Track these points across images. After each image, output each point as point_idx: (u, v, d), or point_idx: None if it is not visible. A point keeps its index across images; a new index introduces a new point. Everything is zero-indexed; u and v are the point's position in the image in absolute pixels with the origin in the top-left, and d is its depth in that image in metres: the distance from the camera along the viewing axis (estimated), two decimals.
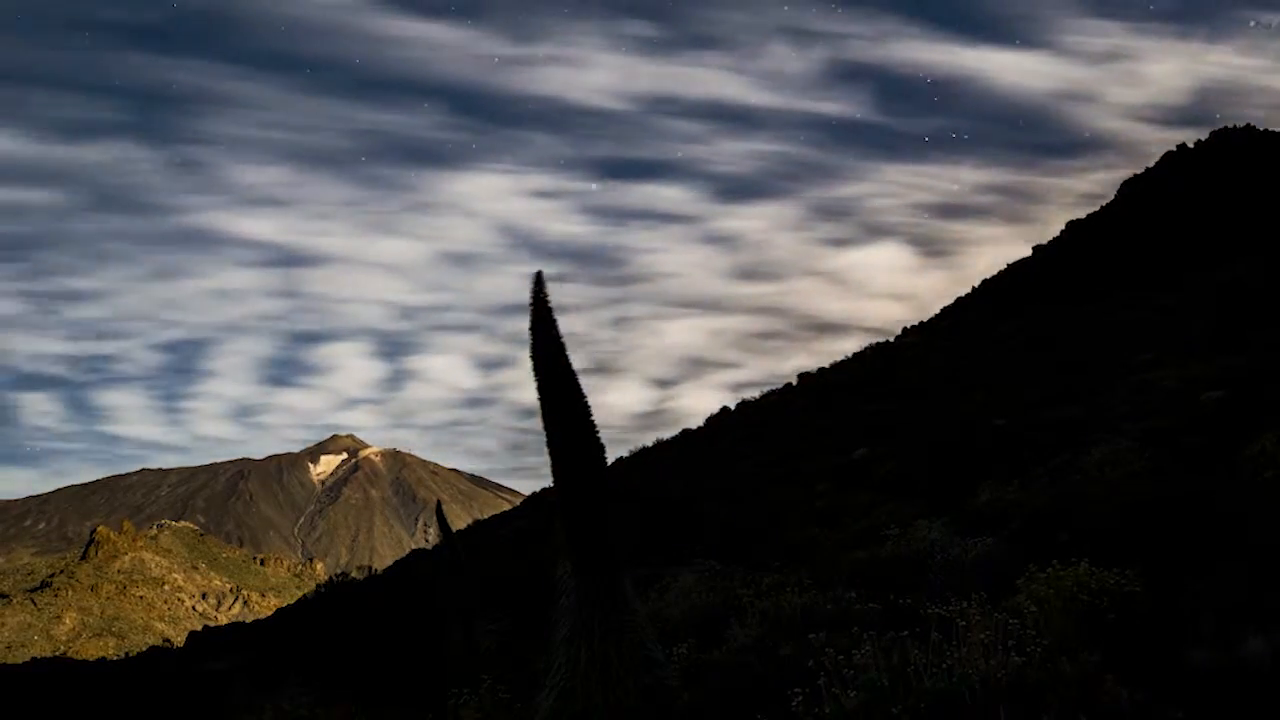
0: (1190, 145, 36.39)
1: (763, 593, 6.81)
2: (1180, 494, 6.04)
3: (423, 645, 10.11)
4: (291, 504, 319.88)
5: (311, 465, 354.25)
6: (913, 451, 13.76)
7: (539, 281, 4.18)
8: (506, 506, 36.03)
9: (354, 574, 23.76)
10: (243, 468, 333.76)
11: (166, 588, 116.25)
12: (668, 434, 28.03)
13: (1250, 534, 5.31)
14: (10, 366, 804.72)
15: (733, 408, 28.14)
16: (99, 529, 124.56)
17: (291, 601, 30.43)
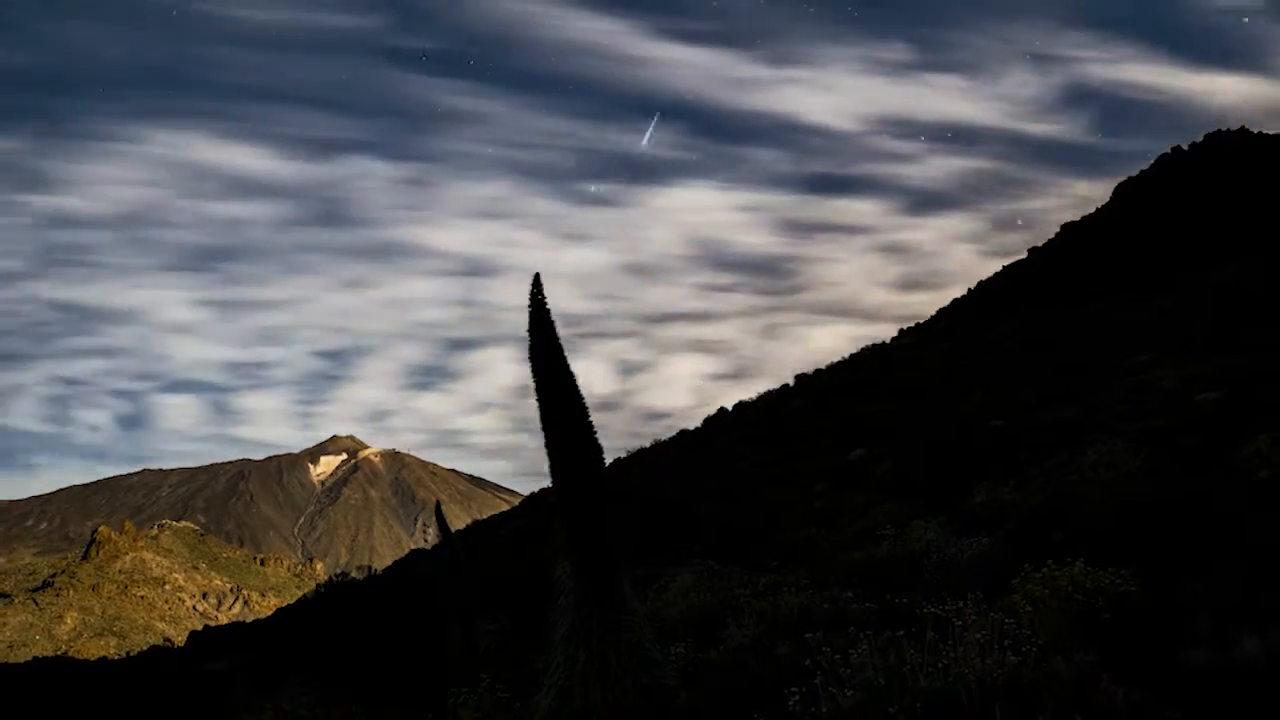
0: (1185, 148, 36.44)
1: (760, 593, 6.83)
2: (1176, 494, 6.06)
3: (422, 645, 10.13)
4: (291, 504, 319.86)
5: (311, 466, 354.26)
6: (909, 452, 13.78)
7: (536, 284, 4.21)
8: (505, 507, 36.07)
9: (354, 574, 23.79)
10: (243, 468, 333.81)
11: (167, 588, 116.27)
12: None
13: (1246, 534, 5.33)
14: (164, 372, 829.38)
15: (730, 408, 28.14)
16: (100, 529, 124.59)
17: (291, 601, 30.45)
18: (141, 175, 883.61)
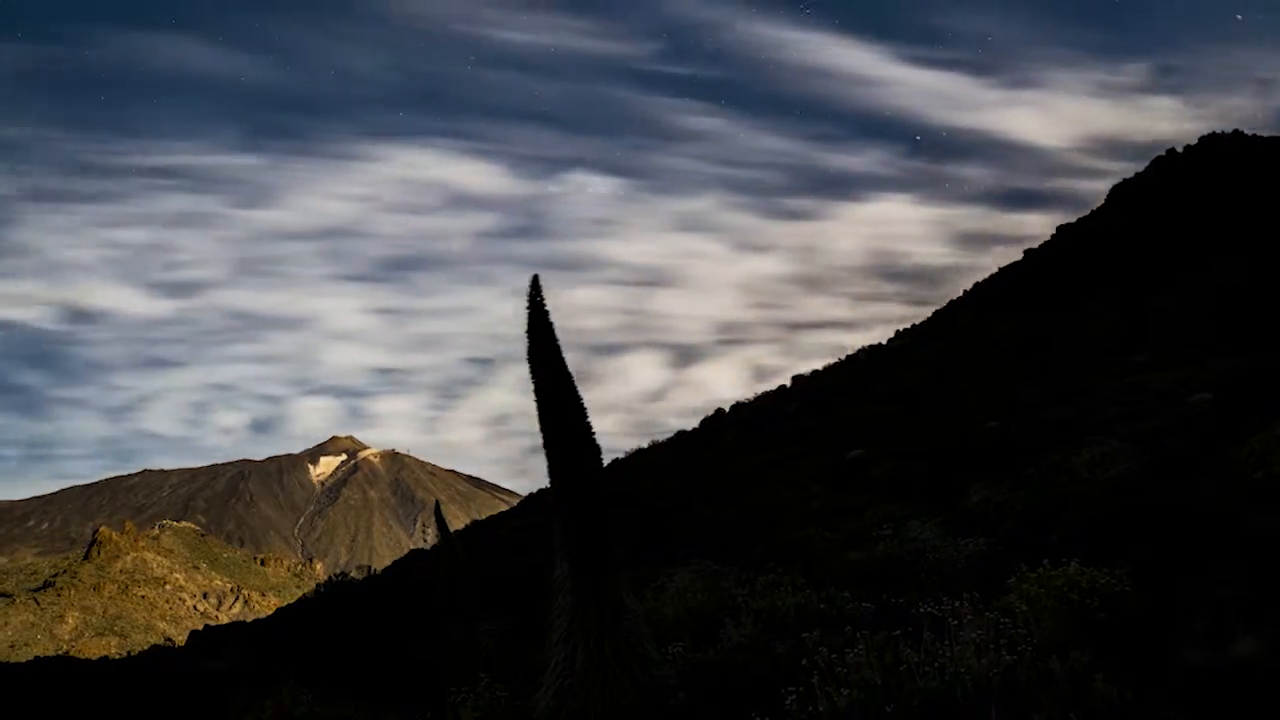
0: (1179, 150, 36.43)
1: (757, 592, 6.84)
2: (1170, 495, 6.08)
3: (422, 644, 10.15)
4: (291, 504, 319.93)
5: (311, 466, 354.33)
6: (906, 453, 13.81)
7: (535, 286, 4.24)
8: (504, 507, 36.10)
9: (353, 574, 23.79)
10: (243, 469, 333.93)
11: (168, 587, 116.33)
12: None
13: (1240, 535, 5.35)
14: (312, 378, 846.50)
15: (728, 409, 28.17)
16: (101, 529, 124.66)
17: (291, 601, 30.48)
18: (359, 190, 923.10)
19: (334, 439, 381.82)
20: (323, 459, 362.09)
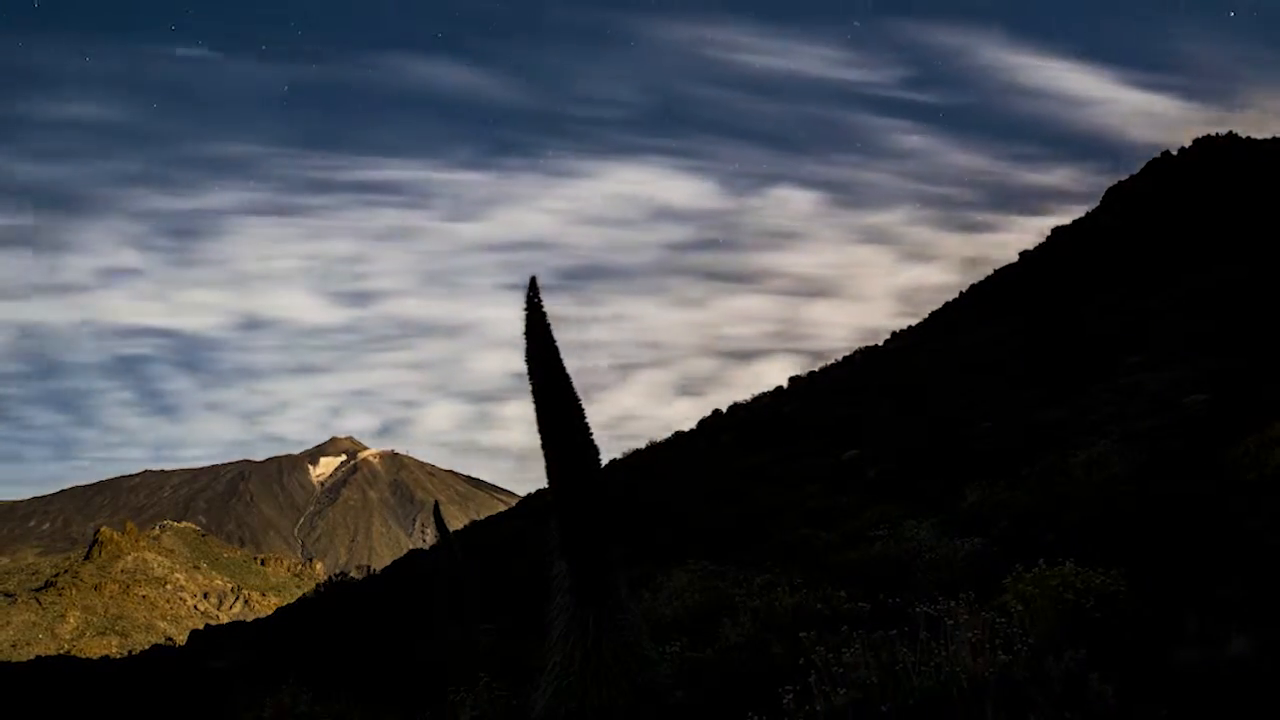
0: (1174, 152, 36.46)
1: (754, 592, 6.87)
2: (1164, 495, 6.10)
3: (421, 644, 10.17)
4: (291, 505, 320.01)
5: (311, 467, 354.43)
6: (902, 453, 13.84)
7: (533, 288, 4.27)
8: (503, 508, 36.09)
9: (353, 574, 23.82)
10: (243, 469, 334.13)
11: (169, 587, 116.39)
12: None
13: (1235, 535, 5.37)
14: (452, 383, 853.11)
15: (725, 410, 28.20)
16: (102, 529, 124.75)
17: (291, 601, 30.50)
18: (561, 205, 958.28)
19: (334, 439, 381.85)
20: (322, 459, 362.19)
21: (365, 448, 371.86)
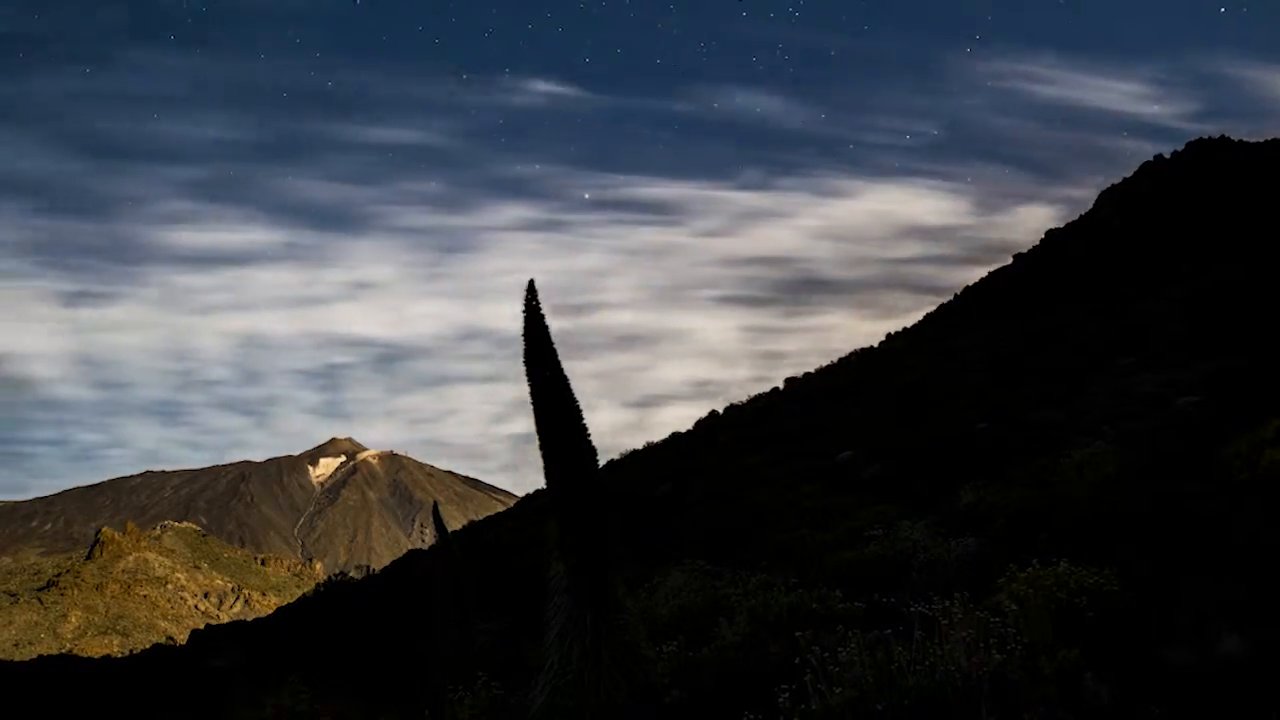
0: (1167, 156, 36.48)
1: (750, 592, 6.89)
2: (1158, 496, 6.12)
3: (420, 644, 10.20)
4: (291, 505, 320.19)
5: (311, 467, 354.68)
6: (898, 454, 13.87)
7: (531, 290, 4.30)
8: (501, 508, 36.09)
9: (352, 574, 23.83)
10: (244, 470, 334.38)
11: (170, 587, 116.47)
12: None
13: (1227, 535, 5.39)
14: (626, 391, 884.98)
15: (721, 411, 28.22)
16: (104, 530, 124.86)
17: (291, 600, 30.48)
18: (813, 223, 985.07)
19: (333, 440, 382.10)
20: (322, 460, 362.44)
21: (364, 449, 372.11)
